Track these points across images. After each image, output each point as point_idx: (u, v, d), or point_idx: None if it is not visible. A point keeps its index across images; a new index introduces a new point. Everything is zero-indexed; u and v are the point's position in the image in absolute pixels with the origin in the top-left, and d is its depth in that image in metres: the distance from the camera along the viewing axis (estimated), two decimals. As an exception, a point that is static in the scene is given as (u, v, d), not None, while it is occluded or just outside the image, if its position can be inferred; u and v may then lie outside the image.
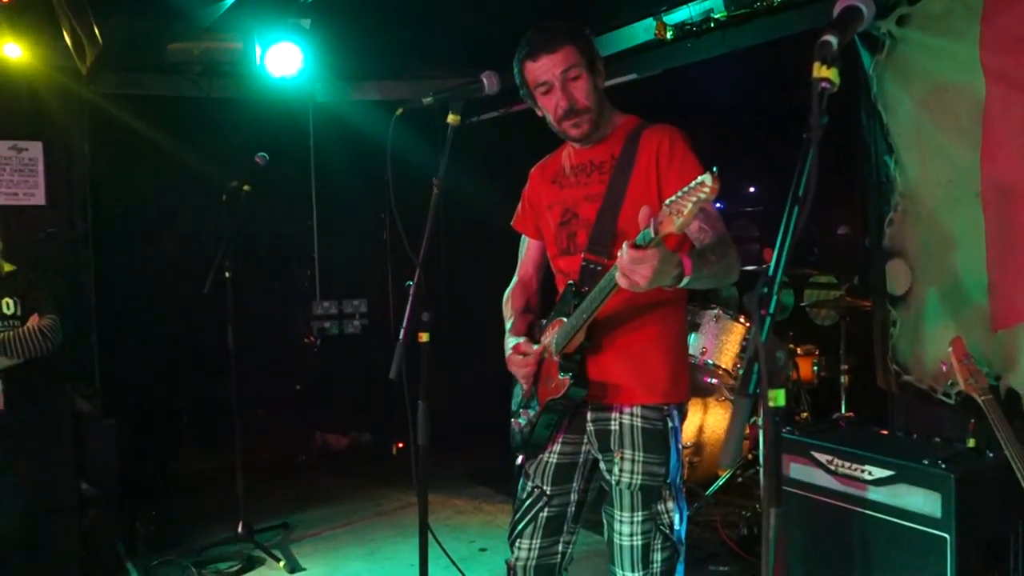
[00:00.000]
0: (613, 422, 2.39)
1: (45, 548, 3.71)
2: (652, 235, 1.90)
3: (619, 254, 1.96)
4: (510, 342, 2.56)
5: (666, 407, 2.39)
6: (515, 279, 2.75)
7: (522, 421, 2.52)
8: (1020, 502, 2.67)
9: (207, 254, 4.64)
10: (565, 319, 2.36)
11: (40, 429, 3.71)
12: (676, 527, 2.37)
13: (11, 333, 3.60)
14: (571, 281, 2.43)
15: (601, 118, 2.43)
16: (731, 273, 2.23)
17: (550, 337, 2.43)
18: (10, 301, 3.67)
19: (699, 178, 1.80)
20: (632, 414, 2.37)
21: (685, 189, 1.83)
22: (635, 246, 1.92)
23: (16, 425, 3.55)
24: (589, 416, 2.43)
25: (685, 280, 2.04)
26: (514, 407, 2.58)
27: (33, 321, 3.65)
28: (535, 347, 2.46)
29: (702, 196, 1.79)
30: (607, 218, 2.37)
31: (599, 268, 2.35)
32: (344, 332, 6.61)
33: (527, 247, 2.73)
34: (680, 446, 2.43)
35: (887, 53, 3.72)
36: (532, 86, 2.42)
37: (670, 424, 2.39)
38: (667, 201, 1.86)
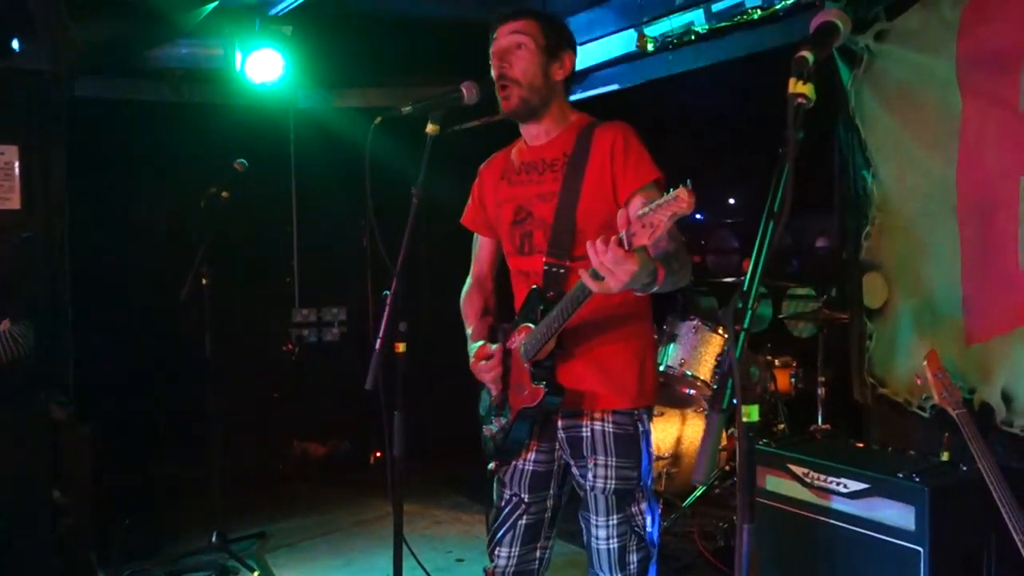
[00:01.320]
0: (584, 428, 2.39)
1: (18, 557, 3.65)
2: (627, 247, 1.88)
3: (594, 249, 1.91)
4: (473, 347, 2.55)
5: (636, 412, 2.40)
6: (469, 280, 2.73)
7: (493, 428, 2.51)
8: (993, 515, 2.69)
9: (185, 260, 4.60)
10: (532, 325, 2.35)
11: (13, 437, 3.64)
12: (648, 529, 2.39)
13: None
14: (535, 285, 2.41)
15: (539, 102, 2.39)
16: (686, 279, 2.24)
17: (517, 343, 2.42)
18: None
19: (673, 192, 1.79)
20: (603, 420, 2.38)
21: (659, 202, 1.82)
22: (620, 244, 1.90)
23: None
24: (560, 423, 2.43)
25: (653, 288, 2.07)
26: (483, 412, 2.57)
27: (3, 327, 3.59)
28: (498, 348, 2.44)
29: (678, 211, 1.79)
30: (564, 218, 2.35)
31: (561, 271, 2.34)
32: (323, 340, 6.57)
33: (479, 245, 2.71)
34: (651, 449, 2.44)
35: (865, 68, 3.75)
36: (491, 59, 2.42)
37: (640, 428, 2.40)
38: (639, 213, 1.85)
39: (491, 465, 2.56)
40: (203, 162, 5.18)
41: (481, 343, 2.52)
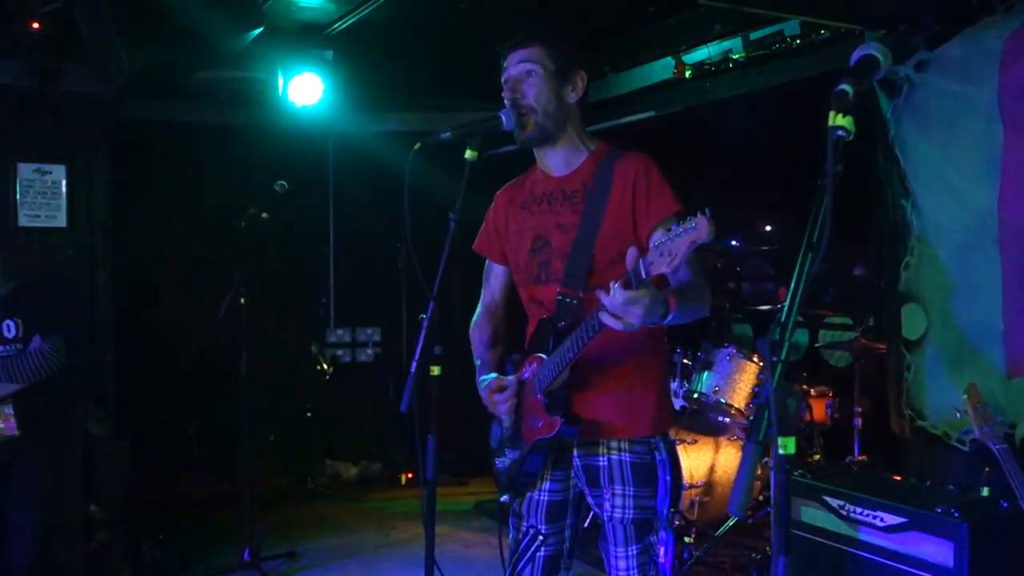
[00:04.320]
0: (601, 458, 2.37)
1: (53, 571, 3.69)
2: (644, 276, 1.89)
3: (606, 296, 1.94)
4: (483, 380, 2.53)
5: (653, 439, 2.38)
6: (480, 308, 2.70)
7: (507, 461, 2.49)
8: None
9: (223, 279, 4.67)
10: (545, 356, 2.34)
11: (53, 452, 3.67)
12: (661, 560, 2.36)
13: (14, 359, 3.54)
14: (546, 316, 2.40)
15: (555, 127, 2.39)
16: (705, 309, 2.24)
17: (528, 373, 2.41)
18: (11, 323, 3.59)
19: (692, 221, 1.79)
20: (620, 449, 2.36)
21: (678, 231, 1.82)
22: (625, 287, 1.91)
23: (29, 449, 3.52)
24: (576, 452, 2.41)
25: (668, 318, 2.06)
26: (494, 445, 2.55)
27: (34, 345, 3.60)
28: (512, 381, 2.43)
29: (697, 239, 1.79)
30: (582, 250, 2.34)
31: (574, 302, 2.33)
32: (357, 360, 6.62)
33: (492, 273, 2.69)
34: (668, 477, 2.39)
35: (905, 97, 3.73)
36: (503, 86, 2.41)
37: (658, 456, 2.37)
38: (656, 243, 1.86)
39: (504, 498, 2.55)
40: (244, 183, 5.27)
41: (494, 375, 2.50)
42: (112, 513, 4.31)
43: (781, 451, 1.37)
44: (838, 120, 1.45)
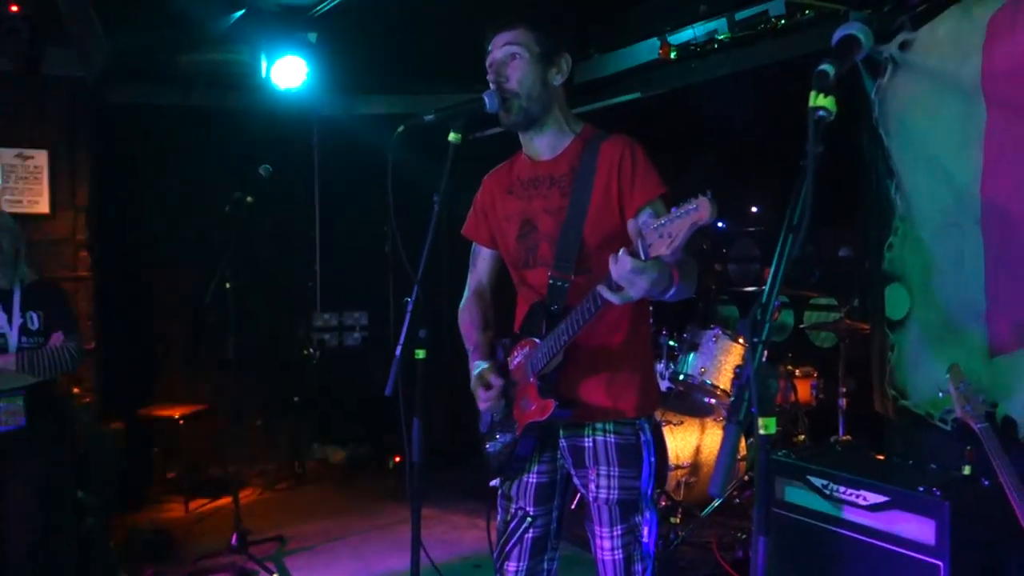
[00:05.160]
0: (587, 439, 2.39)
1: (48, 558, 3.68)
2: (643, 257, 1.88)
3: (615, 263, 1.93)
4: (476, 367, 2.52)
5: (638, 421, 2.40)
6: (468, 292, 2.70)
7: (498, 445, 2.50)
8: (1015, 531, 2.66)
9: (209, 263, 4.66)
10: (538, 340, 2.35)
11: (53, 442, 3.65)
12: (645, 540, 2.38)
13: (40, 352, 3.49)
14: (538, 299, 2.40)
15: (540, 110, 2.38)
16: (693, 288, 2.23)
17: (520, 358, 2.41)
18: (34, 315, 3.53)
19: (694, 201, 1.79)
20: (605, 430, 2.37)
21: (679, 213, 1.81)
22: (635, 255, 1.90)
23: (33, 440, 3.49)
24: (562, 433, 2.43)
25: (671, 292, 2.06)
26: (485, 430, 2.56)
27: (56, 340, 3.53)
28: (499, 381, 2.44)
29: (699, 220, 1.79)
30: (570, 233, 2.35)
31: (566, 285, 2.34)
32: (344, 344, 6.61)
33: (479, 256, 2.68)
34: (653, 458, 2.41)
35: (889, 77, 3.74)
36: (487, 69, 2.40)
37: (642, 437, 2.39)
38: (655, 224, 1.86)
39: (494, 481, 2.56)
40: (228, 167, 5.24)
41: (486, 365, 2.49)
42: (101, 499, 4.30)
43: (762, 431, 1.38)
44: (819, 100, 1.45)
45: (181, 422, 5.51)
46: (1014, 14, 3.27)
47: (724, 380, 4.66)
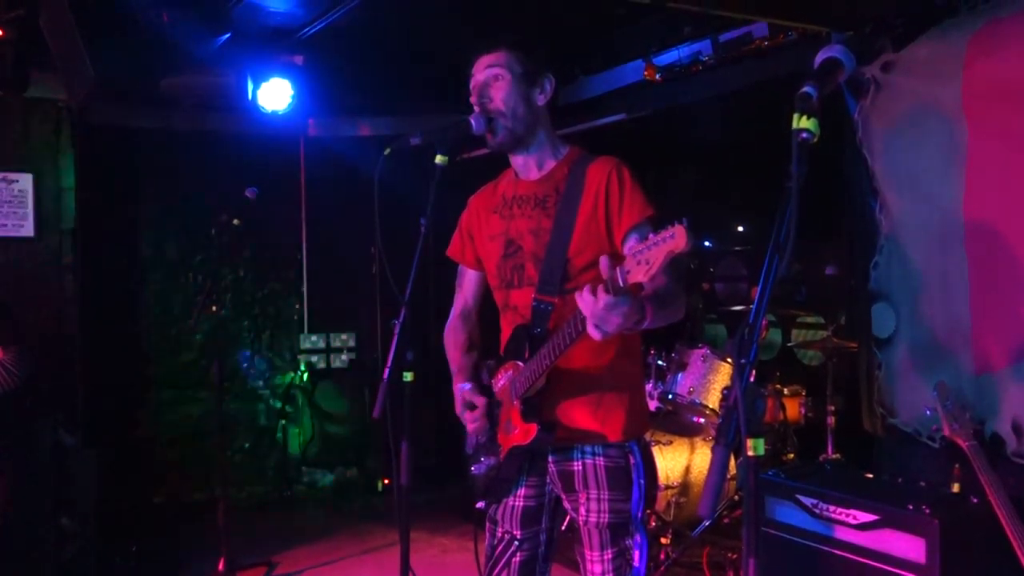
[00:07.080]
0: (576, 462, 2.37)
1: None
2: (621, 284, 1.88)
3: (590, 300, 1.91)
4: (459, 389, 2.52)
5: (627, 444, 2.38)
6: (453, 313, 2.70)
7: (483, 467, 2.49)
8: (1004, 548, 2.66)
9: (195, 287, 4.64)
10: (521, 363, 2.34)
11: (21, 463, 3.61)
12: (636, 564, 2.37)
13: None
14: (521, 322, 2.39)
15: (525, 130, 2.39)
16: (680, 313, 2.23)
17: (503, 380, 2.41)
18: None
19: (670, 231, 1.78)
20: (594, 453, 2.36)
21: (655, 240, 1.80)
22: (608, 292, 1.89)
23: None
24: (551, 457, 2.41)
25: (644, 324, 2.05)
26: (470, 451, 2.55)
27: None
28: (483, 399, 2.43)
29: (675, 248, 1.78)
30: (556, 255, 2.34)
31: (550, 308, 2.33)
32: (331, 366, 6.58)
33: (465, 278, 2.69)
34: (642, 480, 2.40)
35: (872, 98, 3.77)
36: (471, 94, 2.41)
37: (632, 460, 2.38)
38: (633, 252, 1.85)
39: (480, 504, 2.55)
40: (214, 190, 5.23)
41: (468, 386, 2.49)
42: (84, 524, 4.25)
43: (751, 452, 1.37)
44: (802, 123, 1.45)
45: (167, 446, 5.46)
46: (993, 35, 3.31)
47: (713, 399, 4.66)
